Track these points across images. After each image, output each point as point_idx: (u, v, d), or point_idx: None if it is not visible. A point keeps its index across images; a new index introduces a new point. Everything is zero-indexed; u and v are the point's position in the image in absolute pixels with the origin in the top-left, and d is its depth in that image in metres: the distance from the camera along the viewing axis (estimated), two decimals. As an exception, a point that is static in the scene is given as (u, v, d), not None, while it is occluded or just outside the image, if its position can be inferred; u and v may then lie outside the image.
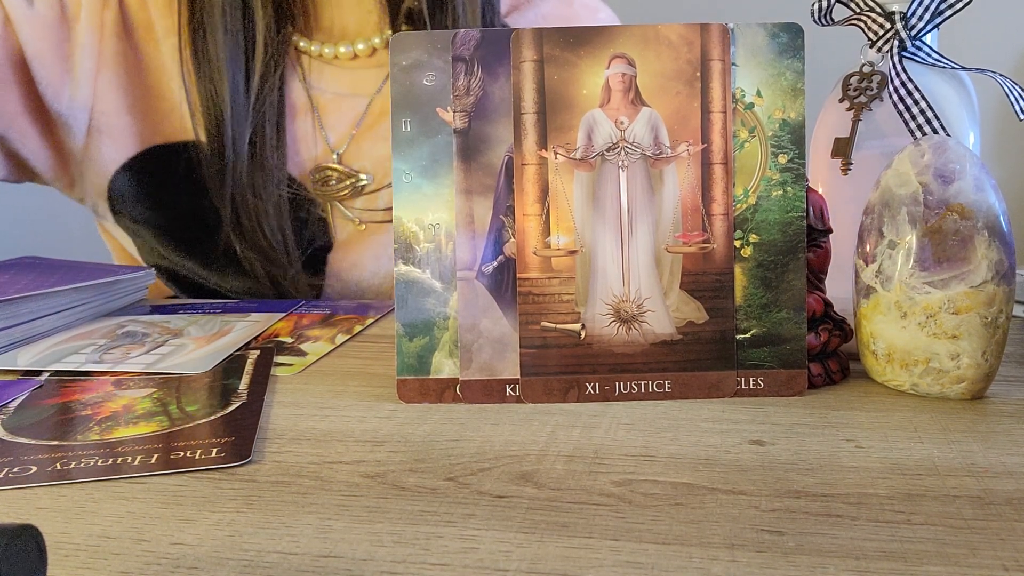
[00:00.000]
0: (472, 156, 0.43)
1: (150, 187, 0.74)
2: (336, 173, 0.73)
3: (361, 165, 0.73)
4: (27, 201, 1.51)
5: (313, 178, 0.73)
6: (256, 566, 0.28)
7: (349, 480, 0.34)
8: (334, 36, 0.75)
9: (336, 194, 0.73)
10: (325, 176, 0.73)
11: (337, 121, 0.74)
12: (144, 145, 0.73)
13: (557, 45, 0.43)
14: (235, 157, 0.69)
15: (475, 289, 0.43)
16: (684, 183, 0.43)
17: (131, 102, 0.73)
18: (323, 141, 0.74)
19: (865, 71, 0.51)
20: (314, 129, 0.74)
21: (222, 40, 0.69)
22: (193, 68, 0.70)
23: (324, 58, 0.74)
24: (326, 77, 0.74)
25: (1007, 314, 0.40)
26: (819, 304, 0.44)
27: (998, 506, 0.31)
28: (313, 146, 0.74)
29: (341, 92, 0.74)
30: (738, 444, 0.37)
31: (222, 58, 0.69)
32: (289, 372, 0.49)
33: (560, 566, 0.27)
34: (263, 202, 0.70)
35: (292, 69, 0.74)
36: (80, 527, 0.31)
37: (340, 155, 0.73)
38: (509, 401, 0.43)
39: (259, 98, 0.70)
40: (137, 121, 0.73)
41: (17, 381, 0.49)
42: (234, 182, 0.70)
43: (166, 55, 0.72)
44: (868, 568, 0.27)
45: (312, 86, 0.74)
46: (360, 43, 0.74)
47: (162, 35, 0.72)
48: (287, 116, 0.73)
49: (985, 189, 0.40)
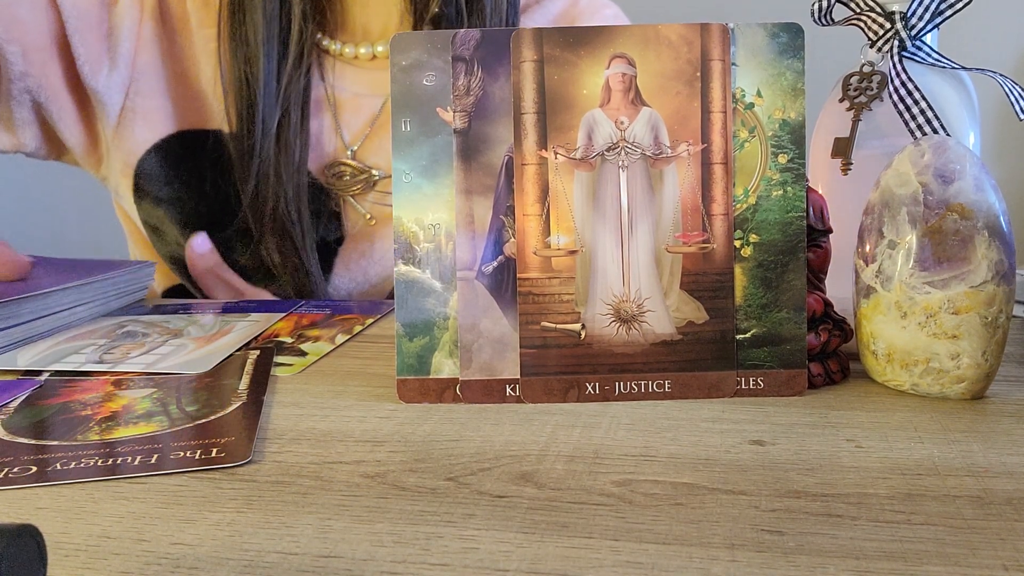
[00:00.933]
0: (472, 156, 0.43)
1: (177, 169, 0.76)
2: (350, 169, 0.75)
3: (374, 162, 0.75)
4: (25, 197, 1.51)
5: (328, 173, 0.75)
6: (256, 566, 0.28)
7: (349, 480, 0.34)
8: (356, 37, 0.77)
9: (349, 189, 0.75)
10: (339, 171, 0.75)
11: (353, 119, 0.76)
12: (175, 128, 0.76)
13: (557, 45, 0.43)
14: (263, 137, 0.72)
15: (475, 289, 0.43)
16: (684, 183, 0.43)
17: (165, 86, 0.75)
18: (339, 138, 0.76)
19: (865, 71, 0.51)
20: (332, 126, 0.76)
21: (260, 23, 0.71)
22: (230, 49, 0.72)
23: (345, 57, 0.77)
24: (347, 77, 0.77)
25: (1007, 314, 0.40)
26: (819, 304, 0.44)
27: (998, 506, 0.31)
28: (329, 142, 0.76)
29: (359, 92, 0.76)
30: (738, 444, 0.37)
31: (259, 41, 0.71)
32: (289, 372, 0.49)
33: (560, 566, 0.27)
34: (284, 184, 0.72)
35: (316, 66, 0.76)
36: (80, 527, 0.31)
37: (354, 152, 0.76)
38: (509, 401, 0.43)
39: (290, 83, 0.73)
40: (169, 104, 0.76)
41: (17, 381, 0.49)
42: (261, 160, 0.72)
43: (198, 45, 0.75)
44: (868, 568, 0.27)
45: (332, 85, 0.76)
46: (380, 45, 0.76)
47: (196, 25, 0.75)
48: (309, 110, 0.76)
49: (985, 189, 0.40)
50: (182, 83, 0.76)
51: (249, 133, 0.72)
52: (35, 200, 1.56)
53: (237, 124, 0.73)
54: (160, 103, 0.75)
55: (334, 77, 0.77)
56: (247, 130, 0.72)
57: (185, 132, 0.76)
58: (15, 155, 0.78)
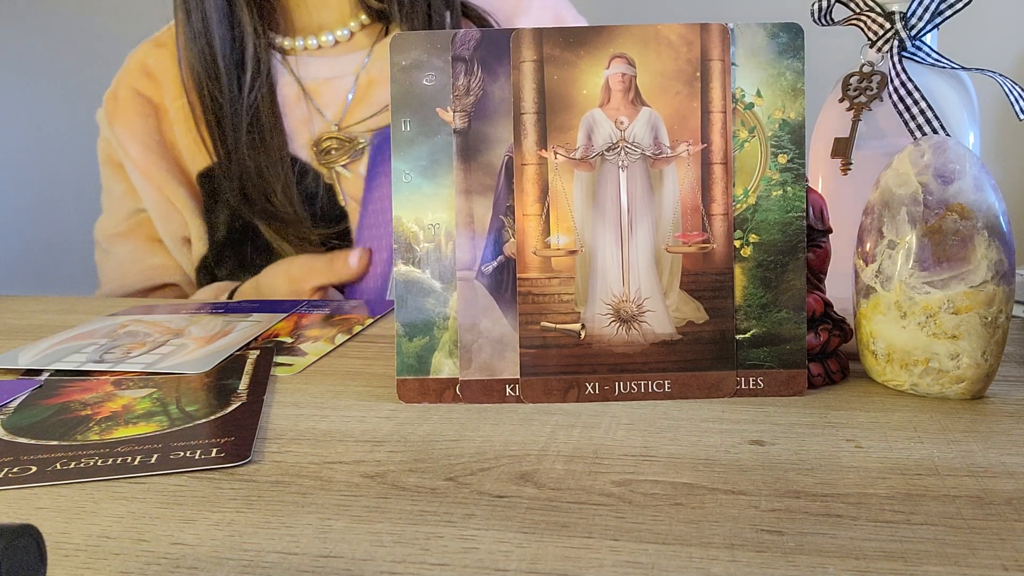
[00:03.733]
0: (472, 156, 0.43)
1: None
2: (336, 141, 0.81)
3: (359, 131, 0.82)
4: (25, 197, 1.51)
5: (316, 150, 0.81)
6: (256, 566, 0.28)
7: (349, 480, 0.34)
8: (313, 30, 0.85)
9: (339, 160, 0.81)
10: (327, 147, 0.81)
11: (331, 100, 0.83)
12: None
13: (557, 45, 0.43)
14: (235, 144, 0.79)
15: (475, 289, 0.43)
16: (684, 183, 0.43)
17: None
18: (321, 119, 0.82)
19: (865, 71, 0.51)
20: (310, 112, 0.83)
21: (218, 47, 0.79)
22: (192, 77, 0.81)
23: (309, 50, 0.84)
24: (313, 66, 0.84)
25: (1007, 314, 0.40)
26: (819, 304, 0.44)
27: (998, 506, 0.31)
28: (313, 126, 0.82)
29: (330, 76, 0.83)
30: (738, 444, 0.37)
31: (220, 64, 0.79)
32: (289, 372, 0.49)
33: (560, 566, 0.27)
34: (269, 179, 0.79)
35: (281, 67, 0.83)
36: (80, 527, 0.31)
37: (339, 125, 0.82)
38: (509, 401, 0.43)
39: (251, 92, 0.80)
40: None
41: (17, 381, 0.49)
42: (240, 166, 0.79)
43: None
44: (868, 568, 0.27)
45: (302, 77, 0.83)
46: (339, 30, 0.84)
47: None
48: (285, 106, 0.82)
49: (985, 189, 0.40)
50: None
51: (224, 145, 0.80)
52: (35, 200, 1.56)
53: (211, 144, 0.81)
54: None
55: (301, 70, 0.83)
56: (222, 146, 0.80)
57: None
58: (15, 155, 0.80)
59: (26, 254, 1.52)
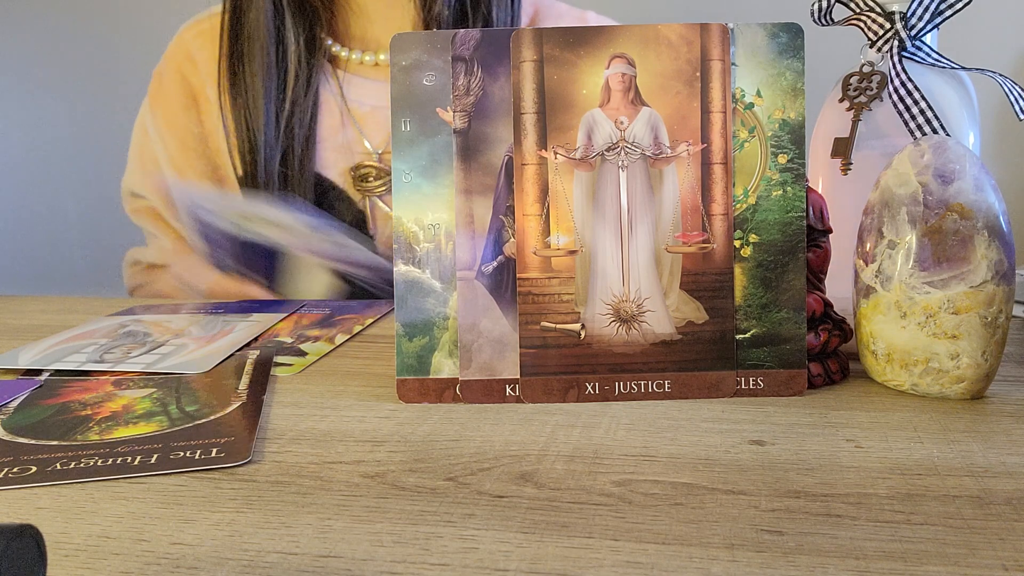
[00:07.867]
0: (472, 156, 0.43)
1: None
2: (374, 170, 0.79)
3: None
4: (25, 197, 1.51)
5: (353, 175, 0.79)
6: (256, 566, 0.28)
7: (349, 480, 0.34)
8: (370, 45, 0.81)
9: (375, 190, 0.79)
10: (364, 173, 0.79)
11: (376, 130, 0.80)
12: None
13: (557, 45, 0.43)
14: (266, 178, 0.78)
15: (475, 289, 0.43)
16: (684, 183, 0.43)
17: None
18: (364, 146, 0.80)
19: (865, 71, 0.51)
20: (355, 138, 0.80)
21: (259, 70, 0.77)
22: (230, 100, 0.78)
23: (365, 65, 0.81)
24: (362, 90, 0.80)
25: (1007, 314, 0.40)
26: (819, 304, 0.44)
27: (998, 506, 0.31)
28: (355, 152, 0.80)
29: (378, 105, 0.80)
30: (738, 444, 0.37)
31: (258, 88, 0.77)
32: (289, 372, 0.49)
33: (560, 566, 0.27)
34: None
35: (327, 82, 0.80)
36: (80, 527, 0.31)
37: (380, 155, 0.80)
38: (509, 401, 0.43)
39: (290, 122, 0.78)
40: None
41: (17, 381, 0.49)
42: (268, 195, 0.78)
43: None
44: (868, 568, 0.27)
45: (348, 99, 0.80)
46: (383, 53, 0.80)
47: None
48: (327, 129, 0.80)
49: (985, 189, 0.40)
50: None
51: (254, 175, 0.78)
52: (35, 200, 1.56)
53: (242, 166, 0.79)
54: None
55: (349, 92, 0.80)
56: (252, 172, 0.78)
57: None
58: (14, 155, 0.80)
59: (26, 254, 1.52)
